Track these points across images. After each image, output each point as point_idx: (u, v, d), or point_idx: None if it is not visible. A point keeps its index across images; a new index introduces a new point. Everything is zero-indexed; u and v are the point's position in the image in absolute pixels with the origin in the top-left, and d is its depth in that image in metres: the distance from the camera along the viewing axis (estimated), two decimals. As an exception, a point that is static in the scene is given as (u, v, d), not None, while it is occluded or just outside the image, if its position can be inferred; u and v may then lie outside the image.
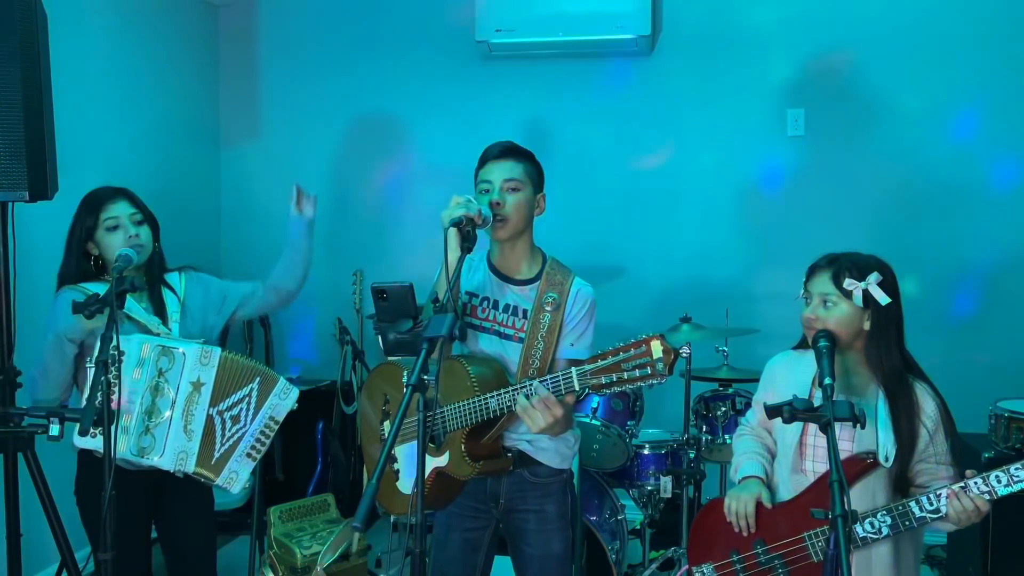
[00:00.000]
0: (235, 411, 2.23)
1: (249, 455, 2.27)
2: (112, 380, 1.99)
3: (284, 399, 2.32)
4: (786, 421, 1.76)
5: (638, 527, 3.41)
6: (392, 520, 3.59)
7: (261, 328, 4.54)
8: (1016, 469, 1.77)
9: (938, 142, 3.98)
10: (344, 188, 4.60)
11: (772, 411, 1.78)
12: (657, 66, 4.24)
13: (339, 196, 4.60)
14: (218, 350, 2.21)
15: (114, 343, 1.99)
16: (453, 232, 2.00)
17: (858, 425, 1.74)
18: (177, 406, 2.15)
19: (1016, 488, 1.78)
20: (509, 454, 2.16)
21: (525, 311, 2.17)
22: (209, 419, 2.19)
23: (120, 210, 2.31)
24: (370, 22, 4.51)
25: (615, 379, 1.79)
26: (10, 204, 2.60)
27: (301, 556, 3.16)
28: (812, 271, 2.04)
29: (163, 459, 2.15)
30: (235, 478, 2.24)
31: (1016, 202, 3.93)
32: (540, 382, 1.92)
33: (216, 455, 2.21)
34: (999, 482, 1.79)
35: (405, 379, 1.70)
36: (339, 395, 4.18)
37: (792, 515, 2.00)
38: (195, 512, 2.44)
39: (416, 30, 4.45)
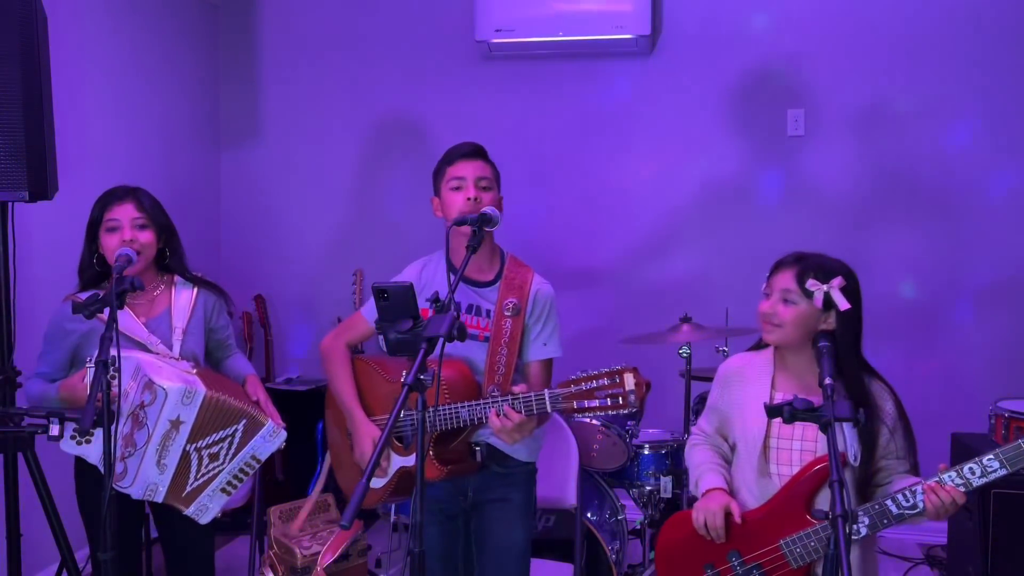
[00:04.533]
0: (214, 449, 2.21)
1: (224, 490, 2.26)
2: (112, 381, 1.98)
3: (271, 441, 2.29)
4: (786, 421, 1.76)
5: (638, 527, 3.40)
6: (392, 520, 3.59)
7: (261, 328, 4.55)
8: (989, 460, 1.80)
9: (938, 143, 3.99)
10: (343, 188, 4.60)
11: (772, 411, 1.77)
12: (657, 66, 4.24)
13: (338, 196, 4.60)
14: (202, 392, 2.15)
15: (113, 344, 1.98)
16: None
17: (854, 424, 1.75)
18: (152, 442, 2.13)
19: (991, 478, 1.81)
20: (477, 448, 2.18)
21: (488, 311, 2.19)
22: (185, 454, 2.17)
23: (123, 212, 2.30)
24: (370, 22, 4.51)
25: (587, 406, 1.83)
26: (10, 204, 2.60)
27: (301, 556, 3.16)
28: (777, 267, 2.04)
29: (132, 489, 2.16)
30: (205, 511, 2.24)
31: (1016, 203, 3.93)
32: (514, 401, 1.95)
33: (188, 489, 2.21)
34: (973, 474, 1.82)
35: (403, 378, 1.71)
36: (339, 395, 4.17)
37: (765, 523, 1.98)
38: None
39: (416, 30, 4.45)
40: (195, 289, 2.44)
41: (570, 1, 4.03)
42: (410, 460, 2.13)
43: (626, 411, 1.80)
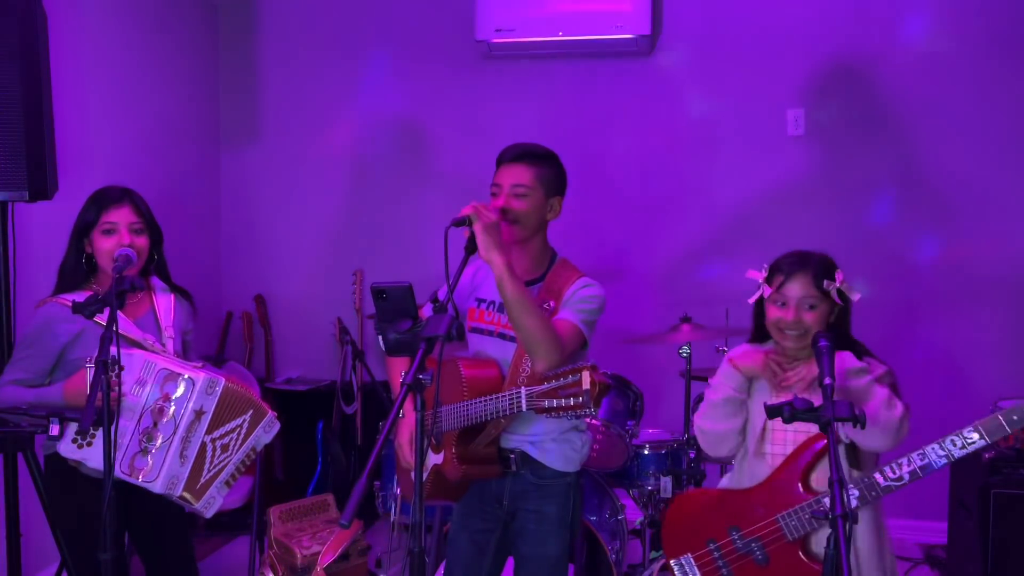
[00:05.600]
0: (226, 440, 2.24)
1: (227, 483, 2.29)
2: (112, 381, 1.98)
3: (267, 432, 2.34)
4: (786, 420, 1.79)
5: (638, 527, 3.40)
6: (392, 520, 3.59)
7: (261, 328, 4.55)
8: (969, 432, 1.92)
9: (938, 141, 3.98)
10: (343, 188, 4.60)
11: (772, 411, 1.80)
12: (657, 66, 4.24)
13: (338, 196, 4.60)
14: (222, 380, 2.21)
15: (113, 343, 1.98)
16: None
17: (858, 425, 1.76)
18: (178, 433, 2.15)
19: (969, 451, 1.91)
20: (512, 455, 2.17)
21: None
22: (203, 446, 2.20)
23: (121, 216, 2.29)
24: (370, 22, 4.51)
25: (555, 405, 1.83)
26: (10, 204, 2.60)
27: (301, 556, 3.16)
28: (788, 275, 2.07)
29: (156, 483, 2.16)
30: (211, 503, 2.26)
31: (1016, 202, 3.93)
32: (498, 398, 1.98)
33: (202, 481, 2.23)
34: (955, 445, 1.92)
35: (402, 378, 1.71)
36: (339, 395, 4.18)
37: (764, 498, 2.07)
38: (166, 512, 2.39)
39: (416, 30, 4.45)
40: (172, 293, 2.46)
41: (570, 1, 4.03)
42: (440, 458, 2.13)
43: (583, 412, 1.80)
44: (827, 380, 1.79)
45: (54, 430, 2.07)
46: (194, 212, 4.49)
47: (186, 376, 2.16)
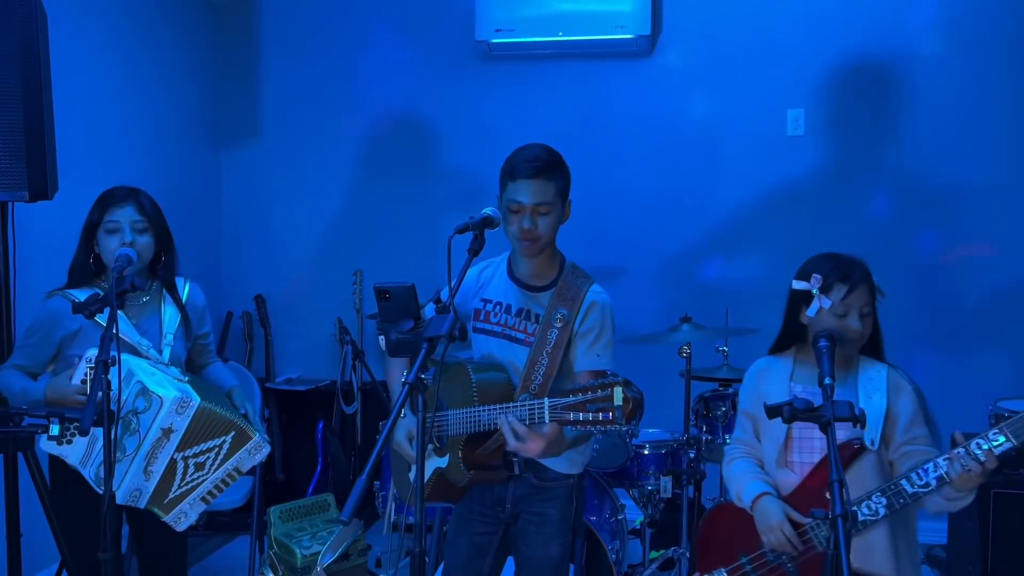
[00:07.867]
0: (201, 459, 2.22)
1: (204, 499, 2.27)
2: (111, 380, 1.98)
3: (253, 455, 2.31)
4: (786, 421, 1.79)
5: (638, 527, 3.40)
6: (392, 520, 3.59)
7: (261, 328, 4.55)
8: (994, 434, 1.86)
9: (938, 142, 3.98)
10: (343, 188, 4.60)
11: (772, 411, 1.79)
12: (657, 66, 4.24)
13: (338, 196, 4.60)
14: (196, 401, 2.17)
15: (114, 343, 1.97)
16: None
17: (858, 425, 1.76)
18: (142, 449, 2.13)
19: (1016, 442, 1.84)
20: (515, 459, 2.16)
21: (538, 316, 2.17)
22: (172, 462, 2.17)
23: (124, 215, 2.30)
24: (370, 22, 4.51)
25: (582, 418, 1.80)
26: (10, 204, 2.60)
27: (301, 556, 3.16)
28: (853, 286, 2.05)
29: (116, 494, 2.13)
30: (183, 518, 2.24)
31: (1016, 201, 3.93)
32: (515, 408, 1.95)
33: (171, 496, 2.21)
34: (980, 449, 1.87)
35: (403, 377, 1.71)
36: (339, 395, 4.18)
37: (795, 509, 2.03)
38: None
39: (416, 30, 4.45)
40: (186, 284, 2.46)
41: (570, 1, 4.03)
42: (443, 461, 2.13)
43: (614, 428, 1.77)
44: (827, 380, 1.79)
45: (55, 430, 2.06)
46: (194, 212, 4.49)
47: (156, 394, 2.12)
